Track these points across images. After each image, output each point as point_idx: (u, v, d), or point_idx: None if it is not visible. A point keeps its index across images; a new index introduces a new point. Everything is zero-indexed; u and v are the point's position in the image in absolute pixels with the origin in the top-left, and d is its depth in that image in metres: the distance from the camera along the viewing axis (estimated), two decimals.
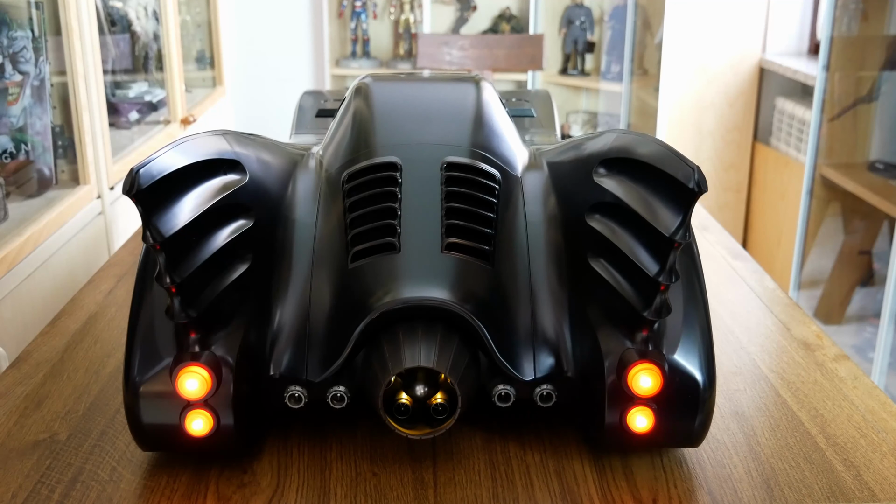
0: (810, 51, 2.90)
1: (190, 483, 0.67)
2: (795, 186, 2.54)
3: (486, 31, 3.51)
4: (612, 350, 0.67)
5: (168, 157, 0.65)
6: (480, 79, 0.87)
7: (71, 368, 0.85)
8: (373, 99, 0.82)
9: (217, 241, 0.67)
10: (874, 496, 0.66)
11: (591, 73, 3.48)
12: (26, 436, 0.74)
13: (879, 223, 2.25)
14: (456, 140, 0.78)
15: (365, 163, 0.76)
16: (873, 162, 2.31)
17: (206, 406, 0.65)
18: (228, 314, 0.68)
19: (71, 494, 0.66)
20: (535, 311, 0.70)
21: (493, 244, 0.71)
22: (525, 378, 0.68)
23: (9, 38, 1.33)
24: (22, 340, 1.17)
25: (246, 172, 0.72)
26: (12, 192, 1.38)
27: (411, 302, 0.65)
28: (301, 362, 0.69)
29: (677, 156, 0.66)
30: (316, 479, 0.68)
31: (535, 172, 0.79)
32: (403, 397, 0.65)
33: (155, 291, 0.68)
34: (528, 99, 1.24)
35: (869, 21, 2.30)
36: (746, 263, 1.13)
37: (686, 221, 0.64)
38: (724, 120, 2.93)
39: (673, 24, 2.85)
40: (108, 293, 1.03)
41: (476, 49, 2.43)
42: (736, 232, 3.02)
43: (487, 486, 0.67)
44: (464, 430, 0.73)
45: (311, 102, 1.19)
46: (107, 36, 1.82)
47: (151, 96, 2.07)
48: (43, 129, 1.44)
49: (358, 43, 3.52)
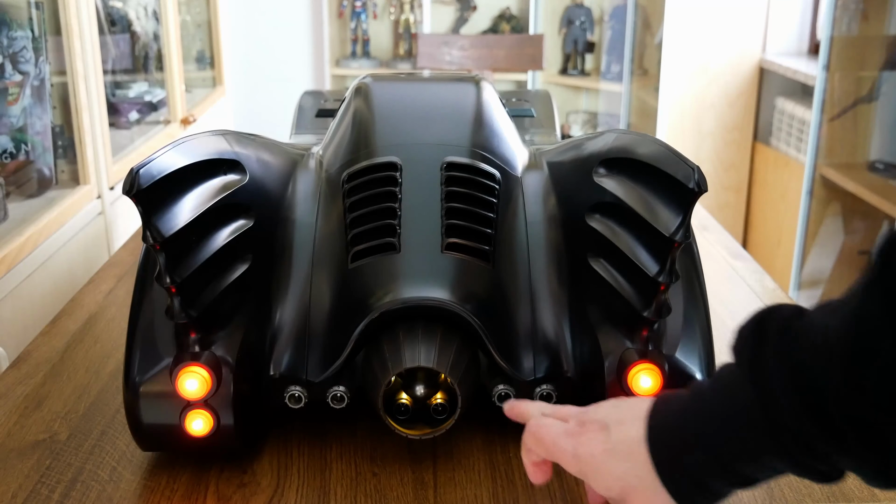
0: (810, 51, 2.90)
1: (190, 483, 0.67)
2: (795, 186, 2.54)
3: (486, 31, 3.51)
4: (612, 350, 0.67)
5: (168, 157, 0.65)
6: (480, 79, 0.87)
7: (71, 368, 0.85)
8: (373, 99, 0.82)
9: (217, 241, 0.67)
10: (874, 496, 0.66)
11: (591, 73, 3.48)
12: (26, 436, 0.74)
13: (879, 223, 2.25)
14: (456, 140, 0.78)
15: (365, 163, 0.76)
16: (873, 162, 2.31)
17: (206, 406, 0.65)
18: (228, 314, 0.68)
19: (71, 494, 0.66)
20: (535, 311, 0.70)
21: (493, 244, 0.71)
22: (525, 378, 0.68)
23: (9, 38, 1.33)
24: (22, 340, 1.17)
25: (246, 172, 0.72)
26: (12, 192, 1.38)
27: (411, 302, 0.65)
28: (301, 362, 0.69)
29: (677, 156, 0.66)
30: (316, 479, 0.68)
31: (535, 172, 0.79)
32: (403, 397, 0.65)
33: (155, 291, 0.68)
34: (528, 99, 1.24)
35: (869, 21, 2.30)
36: (746, 263, 1.13)
37: (686, 221, 0.64)
38: (724, 120, 2.93)
39: (673, 24, 2.85)
40: (108, 293, 1.03)
41: (476, 49, 2.43)
42: (736, 232, 3.02)
43: (487, 486, 0.67)
44: (464, 430, 0.73)
45: (311, 102, 1.19)
46: (107, 36, 1.82)
47: (151, 96, 2.07)
48: (43, 129, 1.44)
49: (358, 43, 3.52)
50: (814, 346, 0.46)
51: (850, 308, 0.44)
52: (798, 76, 2.60)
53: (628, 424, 0.54)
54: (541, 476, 0.59)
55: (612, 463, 0.53)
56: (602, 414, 0.56)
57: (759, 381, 0.48)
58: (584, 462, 0.55)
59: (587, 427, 0.56)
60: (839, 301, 0.46)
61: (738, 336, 0.51)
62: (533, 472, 0.59)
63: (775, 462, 0.49)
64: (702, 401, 0.52)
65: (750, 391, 0.48)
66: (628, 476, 0.53)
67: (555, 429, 0.57)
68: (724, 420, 0.50)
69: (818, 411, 0.45)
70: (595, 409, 0.57)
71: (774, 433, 0.47)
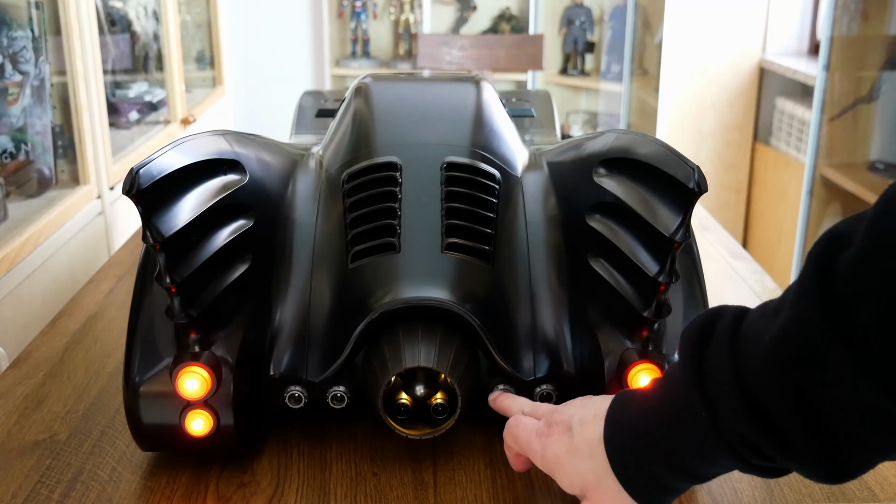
0: (810, 51, 2.90)
1: (190, 483, 0.67)
2: (795, 186, 2.54)
3: (486, 31, 3.51)
4: (612, 350, 0.67)
5: (168, 157, 0.65)
6: (480, 79, 0.87)
7: (71, 368, 0.85)
8: (373, 99, 0.82)
9: (217, 241, 0.67)
10: (874, 496, 0.66)
11: (591, 73, 3.48)
12: (26, 436, 0.74)
13: None
14: (456, 140, 0.78)
15: (365, 163, 0.76)
16: (873, 162, 2.31)
17: (206, 406, 0.65)
18: (228, 314, 0.68)
19: (71, 494, 0.66)
20: (535, 311, 0.70)
21: (493, 244, 0.71)
22: (525, 378, 0.68)
23: (9, 38, 1.33)
24: (22, 340, 1.17)
25: (246, 172, 0.72)
26: (12, 192, 1.38)
27: (411, 302, 0.65)
28: (301, 362, 0.69)
29: (677, 156, 0.66)
30: (316, 479, 0.68)
31: (535, 172, 0.79)
32: (403, 397, 0.65)
33: (155, 291, 0.68)
34: (528, 99, 1.24)
35: (869, 21, 2.30)
36: (746, 263, 1.13)
37: (686, 221, 0.64)
38: (724, 120, 2.93)
39: (673, 24, 2.85)
40: (108, 293, 1.03)
41: (476, 49, 2.43)
42: (736, 232, 3.02)
43: (487, 486, 0.67)
44: (464, 430, 0.73)
45: (311, 102, 1.19)
46: (107, 36, 1.82)
47: (151, 96, 2.07)
48: (43, 129, 1.44)
49: (358, 43, 3.52)
50: (752, 352, 0.47)
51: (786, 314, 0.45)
52: (798, 76, 2.60)
53: (590, 424, 0.56)
54: (521, 466, 0.64)
55: (575, 462, 0.57)
56: (568, 414, 0.59)
57: (703, 385, 0.49)
58: (550, 461, 0.58)
59: (553, 428, 0.59)
60: (777, 303, 0.47)
61: (683, 338, 0.52)
62: (513, 462, 0.64)
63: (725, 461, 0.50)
64: (654, 401, 0.53)
65: (695, 395, 0.50)
66: (589, 475, 0.56)
67: (528, 428, 0.61)
68: (674, 421, 0.51)
69: (759, 415, 0.46)
70: (563, 409, 0.60)
71: (720, 435, 0.49)
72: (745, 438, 0.47)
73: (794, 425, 0.45)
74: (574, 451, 0.57)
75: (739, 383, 0.47)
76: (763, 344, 0.46)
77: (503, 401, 0.67)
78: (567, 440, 0.57)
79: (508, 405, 0.66)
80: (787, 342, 0.44)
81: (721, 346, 0.49)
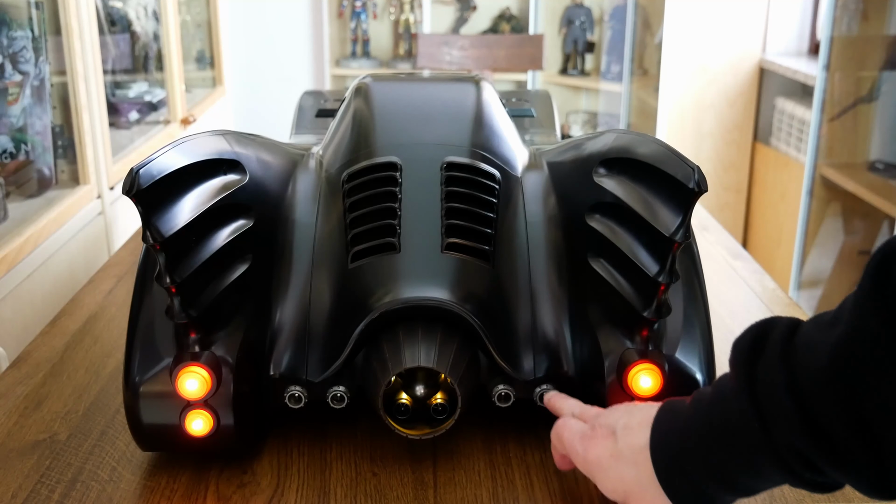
0: (810, 51, 2.90)
1: (190, 483, 0.67)
2: (795, 186, 2.54)
3: (486, 31, 3.51)
4: (612, 350, 0.67)
5: (168, 157, 0.65)
6: (480, 79, 0.87)
7: (71, 368, 0.85)
8: (373, 99, 0.82)
9: (217, 241, 0.67)
10: None
11: (591, 73, 3.48)
12: (26, 436, 0.74)
13: (879, 223, 2.25)
14: (456, 140, 0.78)
15: (365, 163, 0.76)
16: (873, 162, 2.31)
17: (206, 406, 0.65)
18: (228, 314, 0.68)
19: (71, 494, 0.66)
20: (535, 311, 0.70)
21: (492, 244, 0.71)
22: (525, 378, 0.68)
23: (9, 38, 1.33)
24: (22, 340, 1.17)
25: (246, 172, 0.72)
26: (12, 192, 1.38)
27: (411, 302, 0.65)
28: (301, 362, 0.69)
29: (677, 156, 0.66)
30: (316, 479, 0.68)
31: (535, 172, 0.79)
32: (403, 397, 0.65)
33: (155, 291, 0.68)
34: (528, 99, 1.24)
35: (869, 21, 2.30)
36: (746, 263, 1.13)
37: (686, 221, 0.64)
38: (724, 120, 2.93)
39: (673, 24, 2.85)
40: (108, 293, 1.03)
41: (476, 49, 2.43)
42: (736, 232, 3.02)
43: (487, 486, 0.67)
44: (464, 430, 0.73)
45: (311, 102, 1.19)
46: (107, 36, 1.82)
47: (151, 96, 2.07)
48: (43, 129, 1.44)
49: (358, 43, 3.52)
50: (808, 363, 0.46)
51: (844, 326, 0.45)
52: (798, 76, 2.60)
53: (635, 431, 0.56)
54: (565, 466, 0.64)
55: (618, 468, 0.56)
56: (613, 419, 0.59)
57: (755, 396, 0.49)
58: (592, 465, 0.58)
59: (597, 432, 0.59)
60: (833, 315, 0.47)
61: (735, 349, 0.52)
62: (559, 461, 0.65)
63: (774, 474, 0.49)
64: (702, 411, 0.52)
65: (747, 406, 0.49)
66: (632, 481, 0.55)
67: (573, 430, 0.61)
68: (723, 432, 0.50)
69: (814, 427, 0.46)
70: (608, 413, 0.60)
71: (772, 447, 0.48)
72: (797, 450, 0.47)
73: (849, 436, 0.44)
74: (617, 456, 0.56)
75: (794, 393, 0.46)
76: (819, 354, 0.45)
77: (556, 401, 0.67)
78: (610, 445, 0.57)
79: (560, 406, 0.66)
80: (845, 353, 0.44)
81: (774, 357, 0.48)
